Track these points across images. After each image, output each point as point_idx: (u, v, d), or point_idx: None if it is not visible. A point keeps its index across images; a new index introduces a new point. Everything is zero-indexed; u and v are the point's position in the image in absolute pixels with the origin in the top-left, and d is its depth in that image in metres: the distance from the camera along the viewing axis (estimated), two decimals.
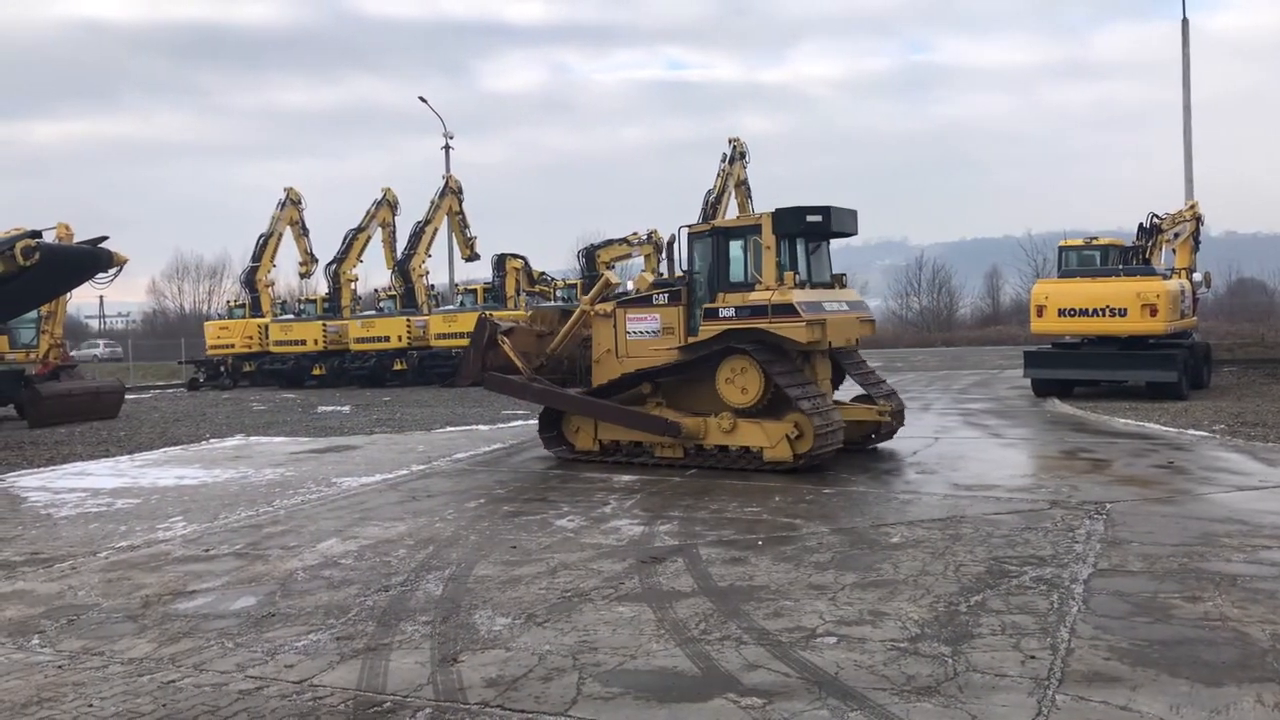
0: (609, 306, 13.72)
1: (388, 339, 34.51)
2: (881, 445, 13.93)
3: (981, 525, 8.90)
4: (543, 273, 36.96)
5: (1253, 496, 9.92)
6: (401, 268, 36.03)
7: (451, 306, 35.39)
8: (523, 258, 35.90)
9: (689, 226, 13.08)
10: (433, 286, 38.13)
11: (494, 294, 34.36)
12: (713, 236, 12.84)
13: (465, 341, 32.31)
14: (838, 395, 13.70)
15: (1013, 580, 7.08)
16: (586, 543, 8.75)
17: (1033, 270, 63.52)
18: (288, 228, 39.43)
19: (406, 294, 35.68)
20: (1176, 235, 25.42)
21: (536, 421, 14.69)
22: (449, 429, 18.99)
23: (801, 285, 12.32)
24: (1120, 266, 22.73)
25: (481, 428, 18.87)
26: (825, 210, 12.41)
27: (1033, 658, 5.48)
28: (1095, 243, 25.41)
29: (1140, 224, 24.49)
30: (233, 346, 38.35)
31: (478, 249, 38.64)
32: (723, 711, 4.93)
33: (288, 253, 40.77)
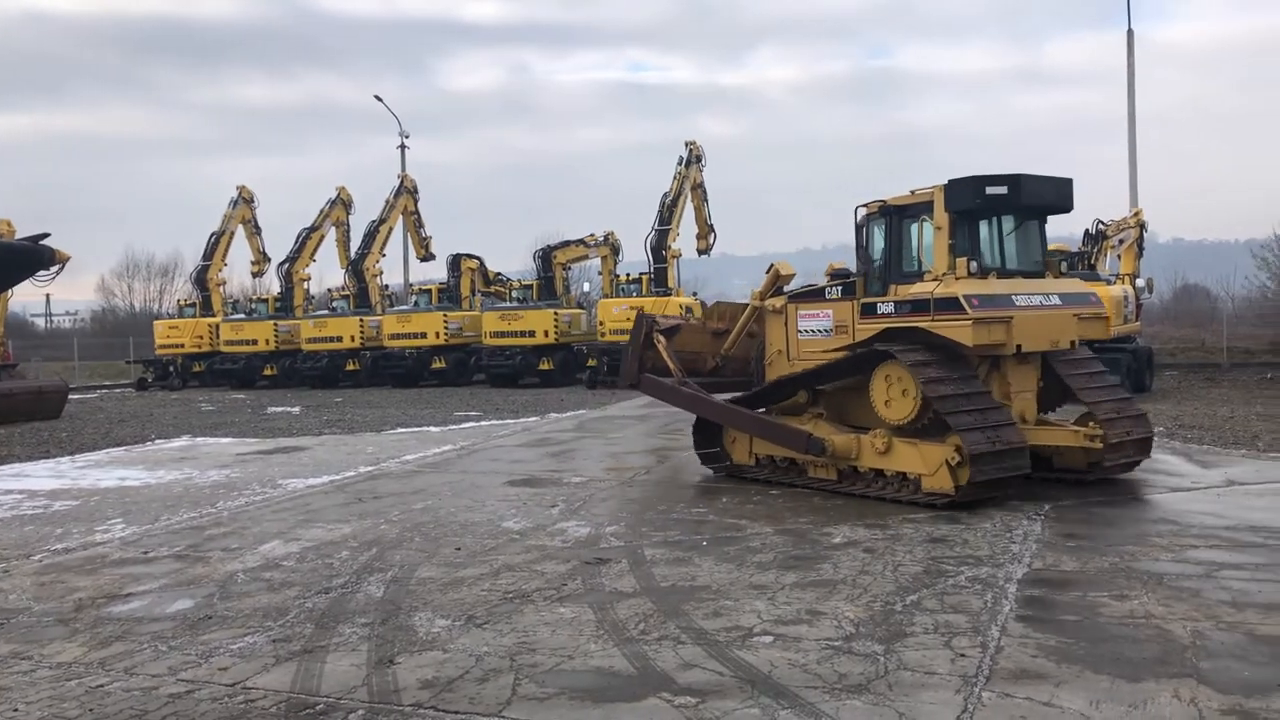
0: (780, 301, 12.10)
1: (340, 339, 34.21)
2: None
3: (922, 525, 9.03)
4: (499, 273, 36.85)
5: (1184, 498, 10.16)
6: (355, 267, 35.75)
7: (406, 307, 35.16)
8: (478, 258, 35.77)
9: (865, 205, 11.25)
10: (387, 286, 37.87)
11: (449, 294, 34.21)
12: (885, 217, 10.97)
13: (418, 342, 32.52)
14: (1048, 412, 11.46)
15: (949, 580, 7.20)
16: (532, 544, 8.75)
17: None
18: (240, 226, 38.99)
19: (360, 294, 35.42)
20: (1121, 241, 25.93)
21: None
22: (399, 430, 18.87)
23: (984, 273, 10.25)
24: (1065, 272, 23.11)
25: (432, 429, 18.77)
26: (1012, 180, 10.21)
27: (963, 656, 5.58)
28: None
29: (1086, 230, 24.95)
30: (182, 346, 37.79)
31: (433, 249, 38.43)
32: (656, 711, 4.97)
33: (240, 252, 40.33)
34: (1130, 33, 30.66)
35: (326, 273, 53.16)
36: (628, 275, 31.53)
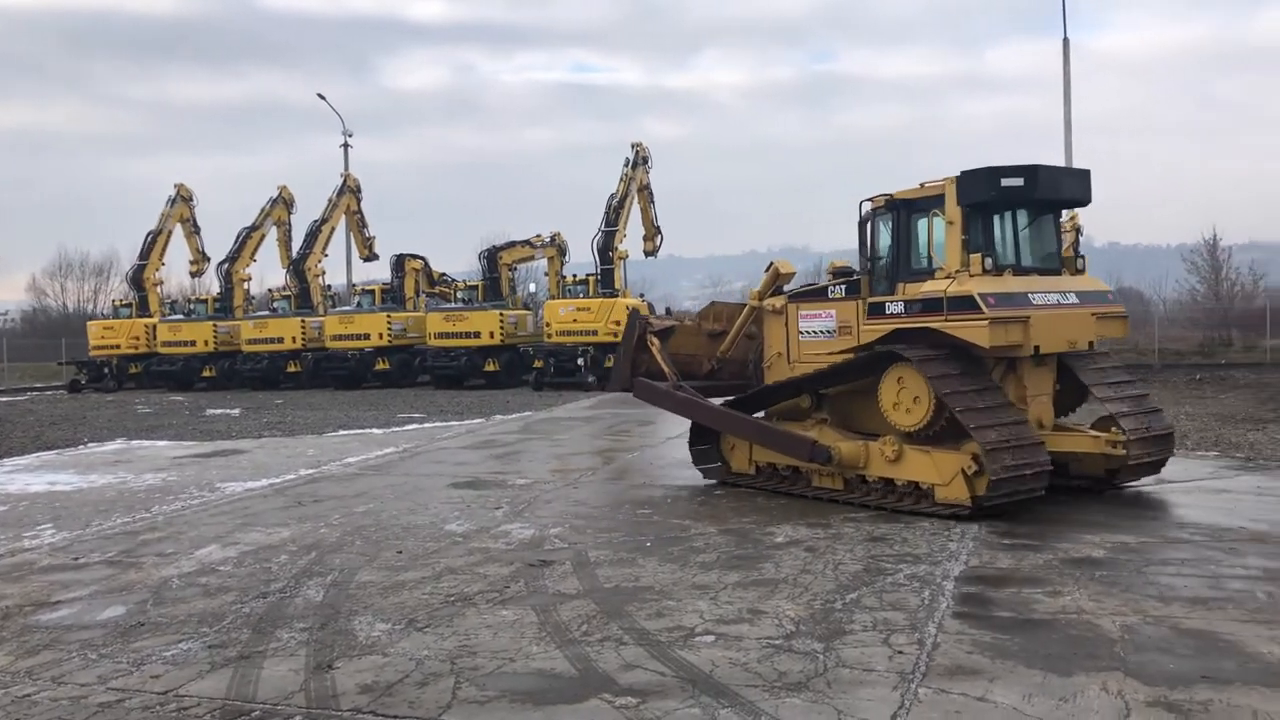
0: (780, 301, 11.50)
1: (281, 340, 33.69)
2: None
3: (863, 524, 9.14)
4: (443, 274, 36.54)
5: (1115, 496, 10.40)
6: (296, 267, 35.22)
7: (348, 307, 34.71)
8: (422, 258, 35.43)
9: (870, 199, 10.60)
10: (329, 287, 37.37)
11: (392, 295, 33.84)
12: (892, 211, 10.36)
13: (362, 343, 32.12)
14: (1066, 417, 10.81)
15: (888, 578, 7.29)
16: (475, 547, 8.70)
17: None
18: (178, 225, 38.20)
19: (301, 294, 34.89)
20: None
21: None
22: (341, 432, 18.63)
23: (1000, 270, 9.69)
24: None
25: (375, 431, 18.57)
26: (1029, 171, 9.68)
27: (900, 652, 5.66)
28: None
29: None
30: (118, 347, 36.93)
31: (376, 249, 38.06)
32: (597, 712, 4.97)
33: (179, 251, 39.50)
34: (1066, 41, 31.32)
35: (267, 273, 52.39)
36: (574, 276, 31.45)
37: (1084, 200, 10.48)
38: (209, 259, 38.60)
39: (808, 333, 11.13)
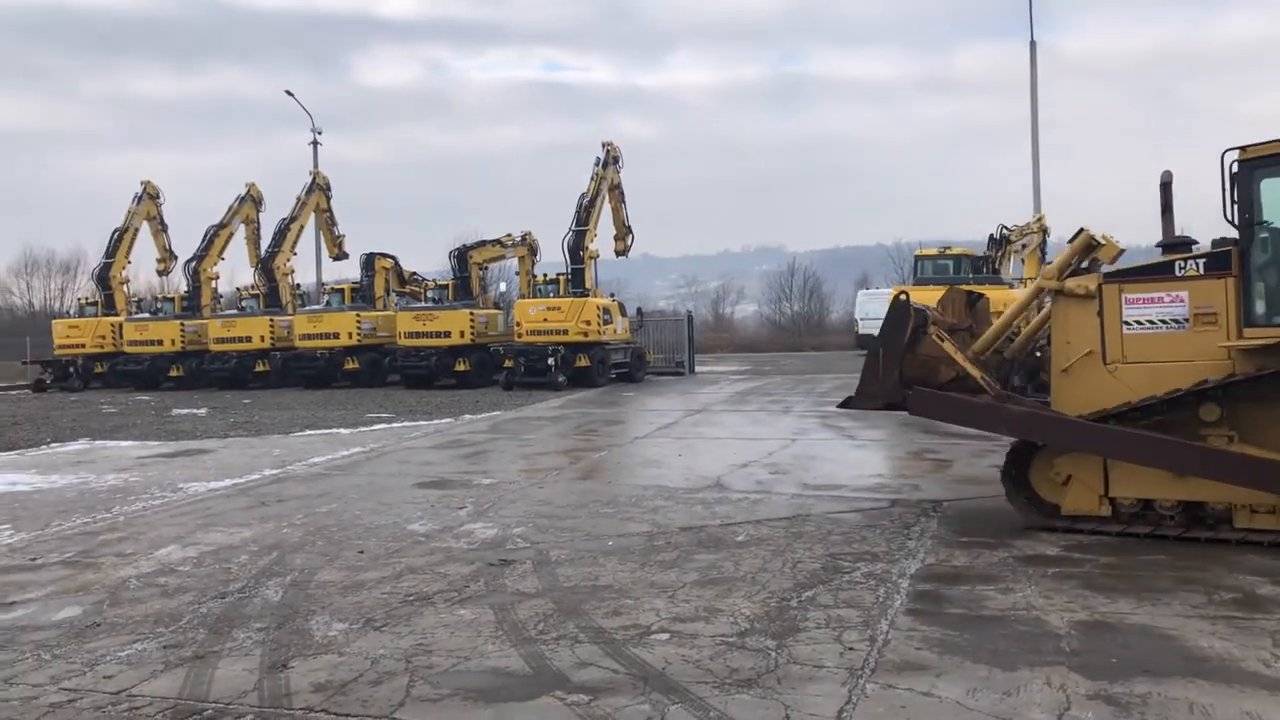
0: (1090, 283, 8.68)
1: (250, 339, 33.49)
2: (737, 448, 14.15)
3: (824, 523, 9.23)
4: (414, 273, 36.43)
5: None
6: (265, 266, 35.01)
7: (317, 306, 34.53)
8: (393, 257, 35.33)
9: (1240, 149, 7.88)
10: (298, 285, 37.18)
11: (362, 294, 33.70)
12: None
13: (331, 342, 31.94)
14: None
15: (845, 576, 7.38)
16: (437, 547, 8.71)
17: (899, 278, 66.10)
18: (145, 223, 37.87)
19: (270, 293, 34.69)
20: (1024, 246, 26.84)
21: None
22: (308, 432, 18.55)
23: None
24: (970, 275, 23.87)
25: (342, 431, 18.50)
26: None
27: (851, 649, 5.74)
28: (948, 252, 26.61)
29: (990, 235, 25.75)
30: (83, 346, 36.55)
31: (346, 247, 37.91)
32: (548, 709, 5.01)
33: (146, 249, 39.15)
34: (1033, 44, 31.72)
35: (236, 271, 51.92)
36: (545, 276, 31.45)
37: None
38: (176, 257, 38.32)
39: (1138, 323, 8.45)
